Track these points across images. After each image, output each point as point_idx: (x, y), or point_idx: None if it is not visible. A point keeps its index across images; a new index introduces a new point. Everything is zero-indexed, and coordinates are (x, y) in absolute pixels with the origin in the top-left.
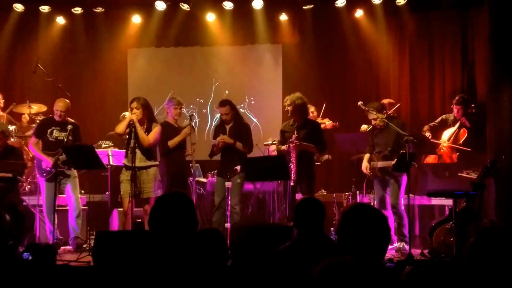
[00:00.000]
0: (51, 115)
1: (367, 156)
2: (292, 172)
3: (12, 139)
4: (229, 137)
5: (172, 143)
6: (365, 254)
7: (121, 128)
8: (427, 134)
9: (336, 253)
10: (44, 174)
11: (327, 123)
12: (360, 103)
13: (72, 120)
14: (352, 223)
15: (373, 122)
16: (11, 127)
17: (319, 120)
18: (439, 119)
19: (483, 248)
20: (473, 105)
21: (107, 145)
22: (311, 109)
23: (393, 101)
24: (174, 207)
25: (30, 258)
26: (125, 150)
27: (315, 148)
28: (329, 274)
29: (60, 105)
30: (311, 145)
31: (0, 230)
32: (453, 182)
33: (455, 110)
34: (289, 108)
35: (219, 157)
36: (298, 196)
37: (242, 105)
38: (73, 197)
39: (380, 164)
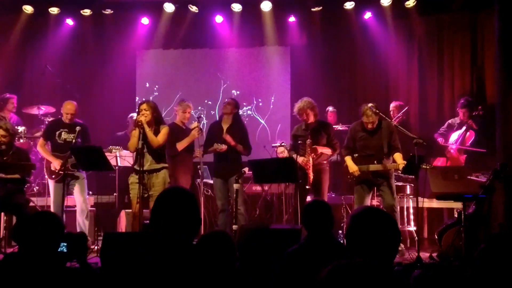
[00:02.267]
0: (59, 117)
1: (349, 157)
2: (310, 177)
3: (21, 140)
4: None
5: (180, 145)
6: (375, 257)
7: (133, 144)
8: (440, 139)
9: (345, 257)
10: (53, 176)
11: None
12: (370, 105)
13: (80, 121)
14: (361, 227)
15: (371, 123)
16: (20, 128)
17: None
18: (446, 124)
19: (493, 254)
20: (480, 107)
21: (118, 150)
22: (333, 110)
23: (402, 104)
24: (175, 203)
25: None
26: (134, 154)
27: (329, 149)
28: (337, 276)
29: (68, 107)
30: (327, 148)
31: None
32: (462, 185)
33: (460, 113)
34: (300, 115)
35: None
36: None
37: (250, 107)
38: (81, 198)
39: (374, 167)
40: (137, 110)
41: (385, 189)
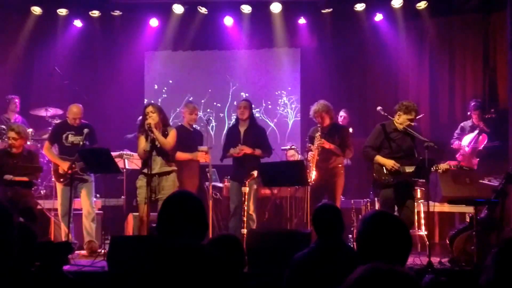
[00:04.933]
0: (66, 119)
1: (379, 156)
2: (311, 170)
3: (28, 142)
4: (244, 140)
5: (180, 155)
6: (386, 262)
7: (141, 151)
8: (458, 142)
9: (355, 261)
10: (61, 179)
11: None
12: (379, 108)
13: (86, 122)
14: (372, 231)
15: (408, 122)
16: (28, 130)
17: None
18: (459, 127)
19: (505, 260)
20: (492, 109)
21: (129, 156)
22: (344, 114)
23: None
24: (181, 208)
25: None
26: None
27: (339, 150)
28: (367, 279)
29: (74, 111)
30: (335, 147)
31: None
32: (474, 189)
33: (474, 116)
34: (316, 118)
35: (230, 161)
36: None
37: (259, 110)
38: (87, 201)
39: (409, 169)
40: (143, 113)
41: (411, 204)
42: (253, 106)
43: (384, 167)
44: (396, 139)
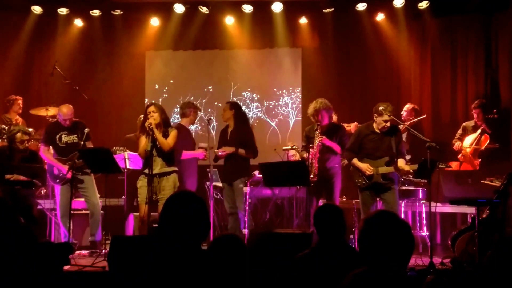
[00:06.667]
0: (57, 119)
1: (356, 159)
2: (315, 167)
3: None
4: (229, 141)
5: (186, 154)
6: (388, 263)
7: (142, 150)
8: (458, 143)
9: (357, 262)
10: (57, 180)
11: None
12: (381, 108)
13: (78, 120)
14: (375, 231)
15: (386, 124)
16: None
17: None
18: (461, 127)
19: (504, 257)
20: (495, 110)
21: (121, 151)
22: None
23: (417, 108)
24: (184, 207)
25: None
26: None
27: (339, 148)
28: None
29: (65, 112)
30: (335, 144)
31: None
32: (476, 190)
33: (474, 114)
34: (314, 116)
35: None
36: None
37: (260, 109)
38: (93, 197)
39: (383, 170)
40: (145, 112)
41: (390, 196)
42: (235, 106)
43: (359, 170)
44: (374, 140)
